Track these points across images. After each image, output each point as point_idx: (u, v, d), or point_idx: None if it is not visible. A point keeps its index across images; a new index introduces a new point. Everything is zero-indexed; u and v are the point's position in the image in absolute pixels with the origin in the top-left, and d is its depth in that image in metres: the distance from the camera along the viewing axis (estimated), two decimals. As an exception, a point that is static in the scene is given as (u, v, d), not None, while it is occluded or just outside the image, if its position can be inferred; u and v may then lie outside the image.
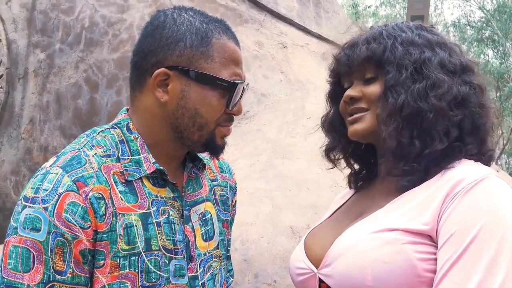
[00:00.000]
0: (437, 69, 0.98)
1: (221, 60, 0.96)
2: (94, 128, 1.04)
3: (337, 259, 0.95)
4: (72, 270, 0.87)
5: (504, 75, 14.30)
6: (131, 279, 0.92)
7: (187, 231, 1.01)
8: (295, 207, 2.56)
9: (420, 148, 0.96)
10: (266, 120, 3.10)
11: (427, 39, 1.02)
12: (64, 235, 0.86)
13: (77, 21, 3.45)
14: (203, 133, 0.98)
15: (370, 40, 1.02)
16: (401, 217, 0.92)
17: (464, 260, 0.84)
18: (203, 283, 1.03)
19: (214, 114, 0.97)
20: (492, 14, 15.32)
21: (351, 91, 1.04)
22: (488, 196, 0.87)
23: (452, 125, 0.96)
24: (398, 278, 0.87)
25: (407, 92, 0.96)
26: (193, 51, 0.95)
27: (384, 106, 0.98)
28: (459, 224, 0.86)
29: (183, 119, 0.97)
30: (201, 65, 0.95)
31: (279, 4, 3.66)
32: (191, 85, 0.95)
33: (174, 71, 0.95)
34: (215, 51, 0.96)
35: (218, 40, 0.97)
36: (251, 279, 2.30)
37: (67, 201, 0.87)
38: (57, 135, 3.38)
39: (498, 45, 15.66)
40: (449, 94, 0.96)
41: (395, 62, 0.99)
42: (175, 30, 0.95)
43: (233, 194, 1.21)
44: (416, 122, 0.96)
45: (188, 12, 0.99)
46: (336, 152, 1.16)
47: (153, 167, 0.97)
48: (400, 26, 1.05)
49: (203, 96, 0.96)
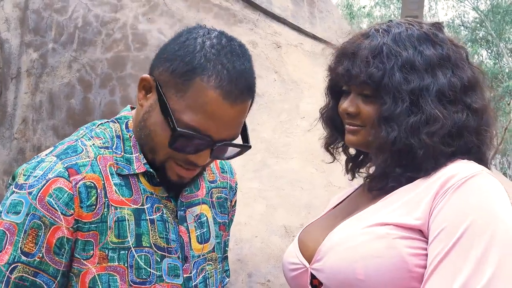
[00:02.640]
0: (434, 101, 0.95)
1: (192, 104, 0.88)
2: (94, 121, 1.04)
3: (328, 254, 0.95)
4: (42, 255, 0.87)
5: (498, 75, 14.38)
6: (120, 273, 0.91)
7: (181, 232, 1.01)
8: (289, 206, 2.56)
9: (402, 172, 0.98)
10: (260, 119, 3.11)
11: (429, 60, 0.97)
12: (42, 218, 0.86)
13: (70, 20, 3.44)
14: (155, 157, 0.95)
15: (369, 60, 0.98)
16: (392, 212, 0.93)
17: (453, 256, 0.84)
18: (196, 285, 1.02)
19: (161, 146, 0.92)
20: (486, 14, 15.40)
21: (348, 106, 1.02)
22: (478, 192, 0.88)
23: (443, 156, 0.96)
24: (389, 272, 0.87)
25: (401, 127, 0.95)
26: (171, 76, 0.89)
27: (377, 136, 0.98)
28: (449, 219, 0.86)
29: (141, 133, 0.95)
30: (170, 94, 0.89)
31: (273, 4, 3.66)
32: (157, 105, 0.91)
33: (155, 84, 0.92)
34: (191, 90, 0.88)
35: (202, 83, 0.87)
36: (244, 279, 2.30)
37: (54, 186, 0.87)
38: (50, 135, 3.37)
39: (492, 46, 15.75)
40: (443, 129, 0.94)
41: (391, 92, 0.96)
42: (175, 49, 0.91)
43: (233, 195, 1.20)
44: (405, 156, 0.96)
45: (211, 39, 0.90)
46: (335, 144, 1.17)
47: (144, 168, 0.96)
48: (403, 38, 0.99)
49: (159, 123, 0.91)
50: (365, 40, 1.01)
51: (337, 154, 1.19)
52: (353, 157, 1.19)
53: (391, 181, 0.99)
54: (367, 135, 1.02)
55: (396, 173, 0.98)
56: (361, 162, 1.18)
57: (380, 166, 1.00)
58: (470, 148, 0.98)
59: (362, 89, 1.01)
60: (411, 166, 0.97)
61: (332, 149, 1.17)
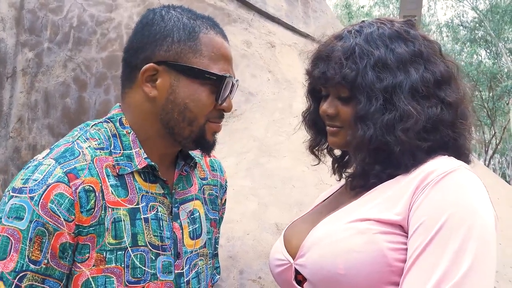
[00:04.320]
0: (407, 98, 0.97)
1: (210, 54, 0.97)
2: (87, 122, 1.04)
3: (311, 249, 0.97)
4: (47, 261, 0.87)
5: (497, 75, 14.36)
6: (117, 274, 0.92)
7: (175, 228, 1.01)
8: (281, 204, 2.57)
9: (381, 169, 0.99)
10: (254, 118, 3.12)
11: (400, 57, 0.99)
12: (46, 225, 0.86)
13: (65, 20, 3.46)
14: (193, 128, 0.98)
15: (343, 61, 1.00)
16: (374, 208, 0.94)
17: (431, 249, 0.85)
18: (188, 281, 1.03)
19: (204, 109, 0.98)
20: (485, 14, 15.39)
21: (328, 107, 1.05)
22: (456, 187, 0.89)
23: (419, 150, 0.97)
24: (369, 267, 0.89)
25: (376, 125, 0.97)
26: (180, 45, 0.96)
27: (354, 135, 1.00)
28: (427, 214, 0.87)
29: (173, 114, 0.97)
30: (190, 60, 0.96)
31: (268, 3, 3.67)
32: (180, 79, 0.96)
33: (162, 66, 0.96)
34: (203, 46, 0.97)
35: (206, 35, 0.97)
36: (236, 276, 2.31)
37: (55, 192, 0.87)
38: (46, 134, 3.38)
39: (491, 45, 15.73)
40: (417, 125, 0.96)
41: (365, 91, 0.98)
42: (163, 26, 0.97)
43: (223, 193, 1.21)
44: (382, 153, 0.98)
45: (176, 10, 1.01)
46: (320, 146, 1.18)
47: (145, 162, 0.98)
48: (374, 37, 1.01)
49: (193, 90, 0.96)
50: (338, 42, 1.03)
51: (323, 156, 1.21)
52: (339, 158, 1.21)
53: (372, 178, 1.00)
54: (346, 135, 1.03)
55: (376, 170, 0.99)
56: (346, 163, 1.20)
57: (360, 164, 1.02)
58: (447, 141, 0.99)
59: (339, 91, 1.03)
60: (390, 163, 0.98)
61: (317, 151, 1.19)
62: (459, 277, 0.82)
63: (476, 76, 13.59)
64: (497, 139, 14.68)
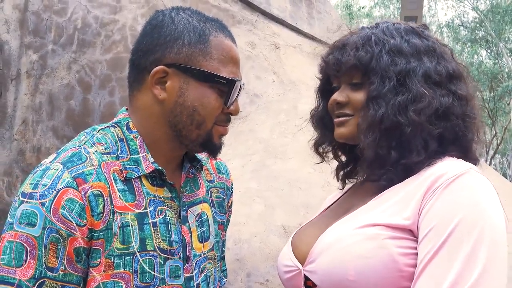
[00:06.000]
0: (420, 81, 0.98)
1: (220, 58, 0.97)
2: (93, 126, 1.03)
3: (321, 255, 0.96)
4: (64, 267, 0.86)
5: (498, 75, 14.40)
6: (126, 279, 0.91)
7: (184, 232, 1.01)
8: (287, 206, 2.57)
9: (397, 158, 0.98)
10: (259, 120, 3.11)
11: (416, 47, 1.01)
12: (59, 231, 0.85)
13: (69, 22, 3.45)
14: (201, 131, 0.98)
15: (359, 46, 1.02)
16: (382, 213, 0.93)
17: (442, 254, 0.84)
18: (197, 284, 1.02)
19: (212, 112, 0.98)
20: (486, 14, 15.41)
21: (338, 96, 1.05)
22: (467, 190, 0.88)
23: (431, 137, 0.97)
24: (380, 273, 0.88)
25: (388, 105, 0.97)
26: (191, 48, 0.95)
27: (365, 116, 1.00)
28: (438, 218, 0.87)
29: (182, 117, 0.97)
30: (200, 63, 0.95)
31: (272, 5, 3.67)
32: (189, 82, 0.96)
33: (172, 69, 0.95)
34: (213, 49, 0.96)
35: (216, 38, 0.97)
36: (243, 278, 2.30)
37: (65, 197, 0.86)
38: (50, 136, 3.38)
39: (492, 46, 15.75)
40: (430, 108, 0.96)
41: (379, 72, 0.99)
42: (173, 29, 0.96)
43: (230, 195, 1.21)
44: (394, 134, 0.97)
45: (185, 12, 1.00)
46: (325, 146, 1.18)
47: (152, 167, 0.97)
48: (390, 29, 1.04)
49: (202, 93, 0.96)
50: (354, 34, 1.07)
51: (327, 157, 1.20)
52: (343, 165, 1.20)
53: (383, 179, 0.99)
54: (355, 124, 1.03)
55: (390, 160, 0.98)
56: (350, 172, 1.19)
57: (371, 147, 1.00)
58: (457, 132, 0.99)
59: (352, 77, 1.04)
60: (401, 147, 0.97)
61: (322, 151, 1.19)
62: (473, 281, 0.81)
63: (477, 76, 13.62)
64: (498, 139, 14.70)
